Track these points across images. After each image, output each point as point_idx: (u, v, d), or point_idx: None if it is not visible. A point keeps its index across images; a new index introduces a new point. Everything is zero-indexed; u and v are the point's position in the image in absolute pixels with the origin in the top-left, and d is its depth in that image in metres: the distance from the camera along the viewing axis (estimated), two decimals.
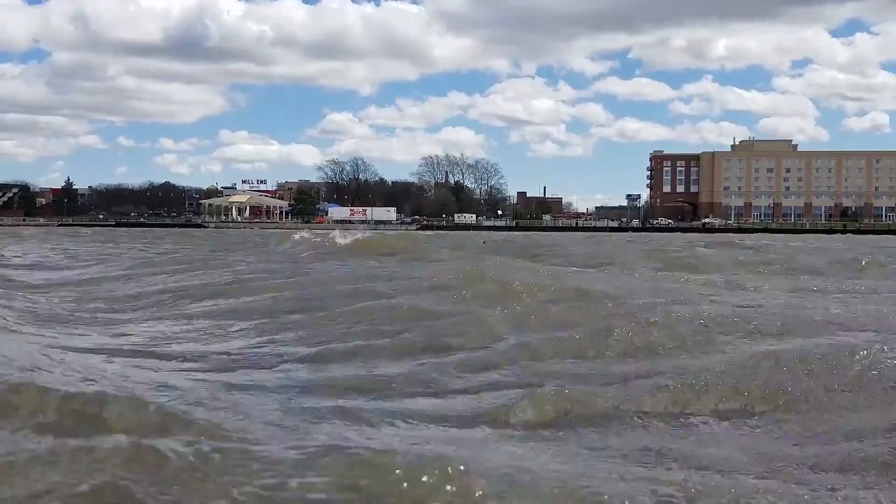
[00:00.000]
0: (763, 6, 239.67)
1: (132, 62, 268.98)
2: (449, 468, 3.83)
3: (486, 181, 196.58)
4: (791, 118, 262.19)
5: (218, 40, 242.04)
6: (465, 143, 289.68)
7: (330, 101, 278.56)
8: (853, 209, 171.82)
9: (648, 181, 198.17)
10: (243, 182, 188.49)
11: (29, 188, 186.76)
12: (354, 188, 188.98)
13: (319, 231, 49.28)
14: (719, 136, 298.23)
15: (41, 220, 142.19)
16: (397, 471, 3.82)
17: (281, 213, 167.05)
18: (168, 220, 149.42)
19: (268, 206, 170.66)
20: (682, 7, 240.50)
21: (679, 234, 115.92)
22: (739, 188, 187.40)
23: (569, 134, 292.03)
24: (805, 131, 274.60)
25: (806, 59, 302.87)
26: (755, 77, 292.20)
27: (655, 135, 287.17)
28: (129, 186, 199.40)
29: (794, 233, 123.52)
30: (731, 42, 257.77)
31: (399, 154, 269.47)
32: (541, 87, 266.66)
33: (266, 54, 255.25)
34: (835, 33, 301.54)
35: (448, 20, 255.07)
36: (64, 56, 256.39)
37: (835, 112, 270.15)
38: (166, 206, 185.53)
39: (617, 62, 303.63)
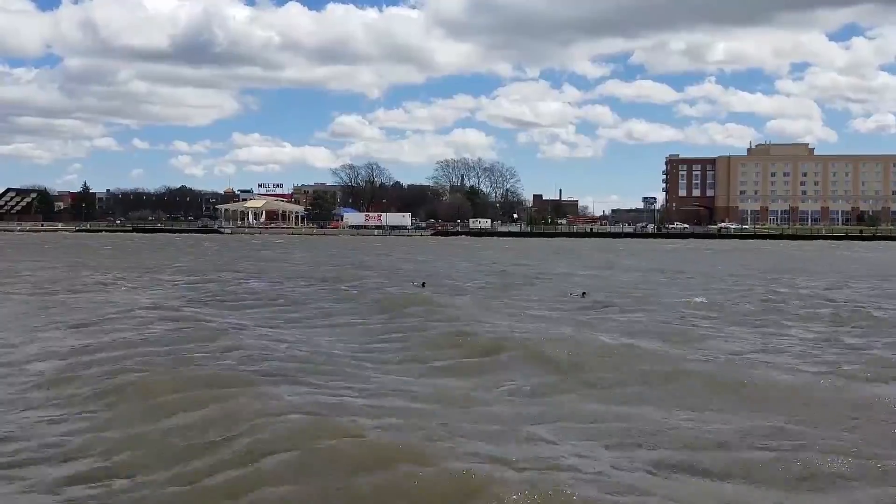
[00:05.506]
0: (756, 11, 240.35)
1: (142, 67, 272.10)
2: None
3: (501, 185, 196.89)
4: (798, 120, 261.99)
5: (226, 46, 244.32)
6: (475, 145, 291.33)
7: (339, 104, 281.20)
8: (870, 213, 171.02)
9: (664, 185, 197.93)
10: (259, 186, 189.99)
11: (47, 193, 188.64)
12: (370, 192, 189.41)
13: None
14: (727, 138, 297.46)
15: (59, 226, 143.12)
16: None
17: (297, 217, 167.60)
18: (185, 225, 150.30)
19: (284, 211, 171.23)
20: (677, 13, 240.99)
21: (693, 240, 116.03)
22: (756, 192, 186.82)
23: (578, 135, 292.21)
24: (813, 132, 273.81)
25: (805, 63, 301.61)
26: (756, 79, 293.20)
27: (664, 136, 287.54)
28: (147, 190, 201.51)
29: (810, 238, 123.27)
30: (728, 46, 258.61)
31: (410, 156, 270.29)
32: (545, 89, 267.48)
33: (274, 59, 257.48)
34: (832, 37, 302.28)
35: (447, 26, 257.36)
36: (76, 61, 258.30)
37: (840, 113, 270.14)
38: (183, 209, 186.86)
39: (619, 65, 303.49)
